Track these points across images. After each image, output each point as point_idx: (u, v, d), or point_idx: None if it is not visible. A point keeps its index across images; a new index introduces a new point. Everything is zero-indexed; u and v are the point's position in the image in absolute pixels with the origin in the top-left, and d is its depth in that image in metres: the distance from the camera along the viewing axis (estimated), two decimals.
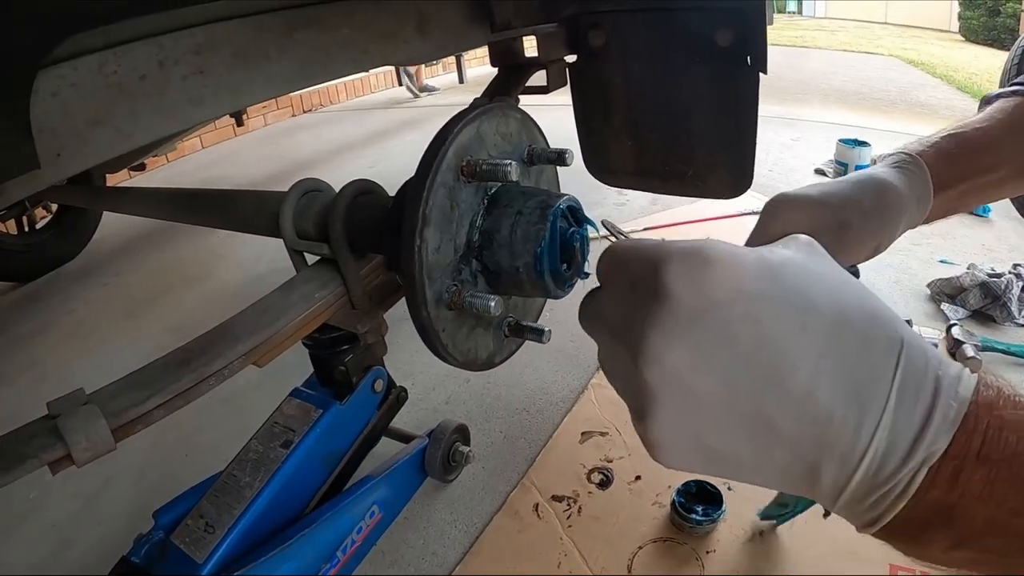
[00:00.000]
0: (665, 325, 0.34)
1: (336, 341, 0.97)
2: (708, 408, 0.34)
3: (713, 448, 0.35)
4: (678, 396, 0.34)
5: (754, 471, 0.35)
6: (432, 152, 0.60)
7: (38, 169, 0.54)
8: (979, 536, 0.32)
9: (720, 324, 0.34)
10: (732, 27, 1.20)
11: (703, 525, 1.10)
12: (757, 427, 0.34)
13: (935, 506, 0.32)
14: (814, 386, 0.33)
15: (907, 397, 0.32)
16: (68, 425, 0.63)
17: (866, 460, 0.32)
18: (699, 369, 0.34)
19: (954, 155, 0.68)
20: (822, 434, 0.33)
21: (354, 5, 0.81)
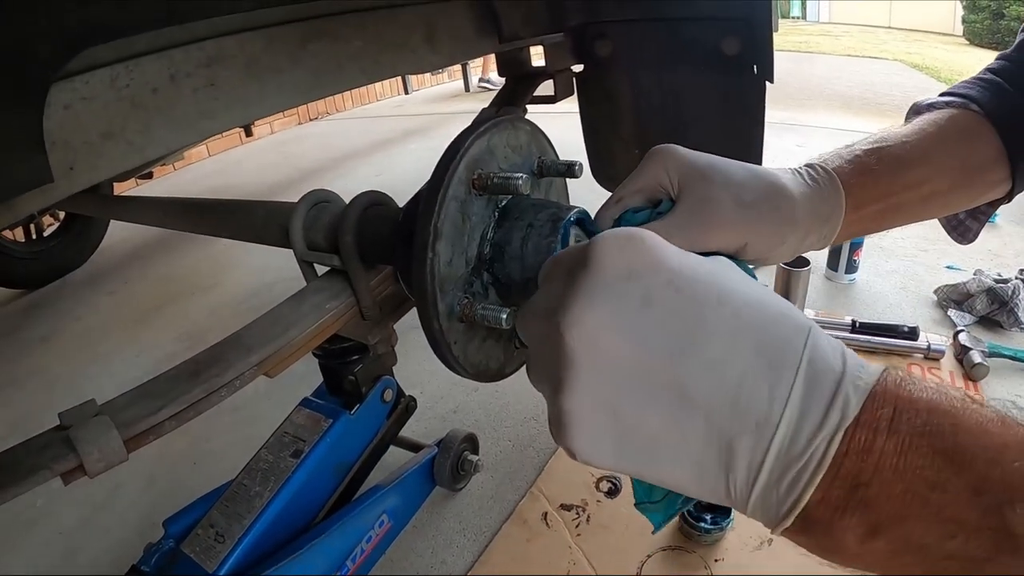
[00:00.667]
0: (589, 289, 0.36)
1: (346, 351, 0.98)
2: (624, 373, 0.35)
3: (627, 424, 0.35)
4: (596, 357, 0.35)
5: (669, 456, 0.35)
6: (444, 165, 0.60)
7: (51, 182, 0.54)
8: (896, 520, 0.31)
9: (641, 290, 0.36)
10: (738, 36, 1.21)
11: (711, 533, 1.10)
12: (672, 395, 0.34)
13: (850, 482, 0.31)
14: (729, 354, 0.34)
15: (817, 367, 0.33)
16: (80, 436, 0.63)
17: (781, 427, 0.32)
18: (618, 329, 0.35)
19: (876, 171, 0.63)
20: (736, 401, 0.33)
21: (365, 17, 0.82)
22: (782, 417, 0.32)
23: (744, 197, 0.56)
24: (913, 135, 0.67)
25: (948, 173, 0.66)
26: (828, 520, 0.32)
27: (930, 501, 0.30)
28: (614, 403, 0.35)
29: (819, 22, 14.73)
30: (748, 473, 0.33)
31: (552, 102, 1.42)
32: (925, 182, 0.65)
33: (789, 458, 0.32)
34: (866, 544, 0.32)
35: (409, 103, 5.81)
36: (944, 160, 0.66)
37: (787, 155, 3.17)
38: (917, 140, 0.66)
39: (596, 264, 0.37)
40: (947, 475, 0.30)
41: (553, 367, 0.37)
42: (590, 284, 0.36)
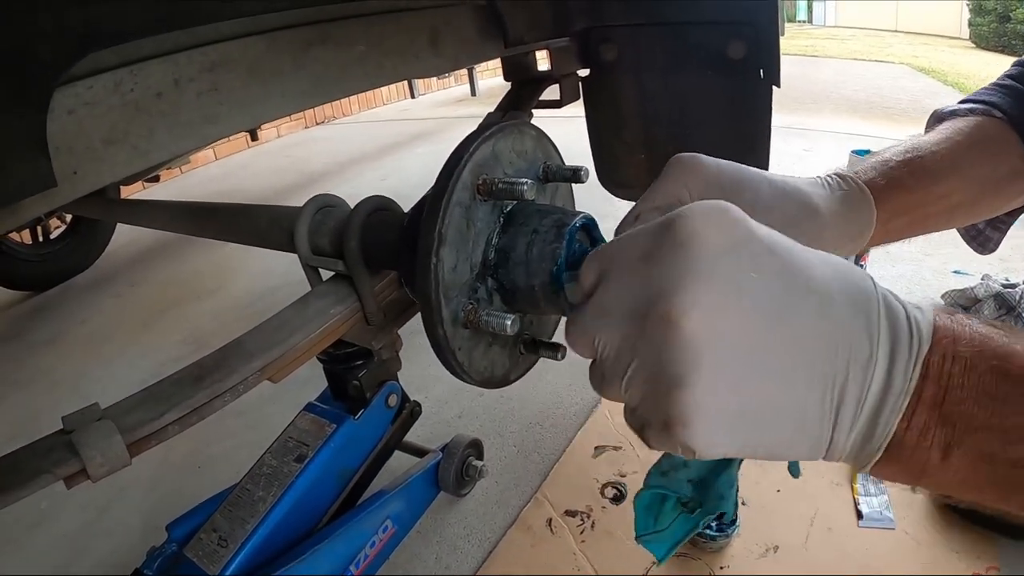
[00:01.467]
0: (697, 267, 0.35)
1: (350, 356, 0.97)
2: (745, 349, 0.35)
3: (747, 401, 0.35)
4: (719, 340, 0.35)
5: (785, 419, 0.36)
6: (448, 171, 0.60)
7: (55, 187, 0.54)
8: (968, 432, 0.34)
9: (747, 261, 0.36)
10: (744, 40, 1.20)
11: (716, 540, 1.09)
12: (788, 358, 0.35)
13: (929, 404, 0.34)
14: (829, 307, 0.35)
15: (891, 308, 0.36)
16: (83, 440, 0.63)
17: (880, 363, 0.35)
18: (735, 306, 0.35)
19: (908, 185, 0.64)
20: (844, 347, 0.35)
21: (368, 21, 0.82)
22: (879, 354, 0.35)
23: (771, 222, 0.56)
24: (942, 144, 0.67)
25: (975, 184, 0.67)
26: (914, 443, 0.35)
27: (994, 412, 0.33)
28: (737, 383, 0.35)
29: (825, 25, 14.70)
30: (855, 411, 0.35)
31: (558, 106, 1.42)
32: (953, 193, 0.66)
33: (887, 390, 0.35)
34: (945, 460, 0.35)
35: (416, 107, 5.82)
36: (971, 170, 0.66)
37: (794, 159, 3.16)
38: (946, 150, 0.67)
39: (696, 241, 0.36)
40: (1006, 388, 0.34)
41: (665, 363, 0.36)
42: (696, 263, 0.36)
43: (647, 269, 0.38)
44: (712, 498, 0.75)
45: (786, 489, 1.20)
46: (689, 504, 0.76)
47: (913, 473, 0.36)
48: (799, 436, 0.36)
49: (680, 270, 0.36)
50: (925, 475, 0.36)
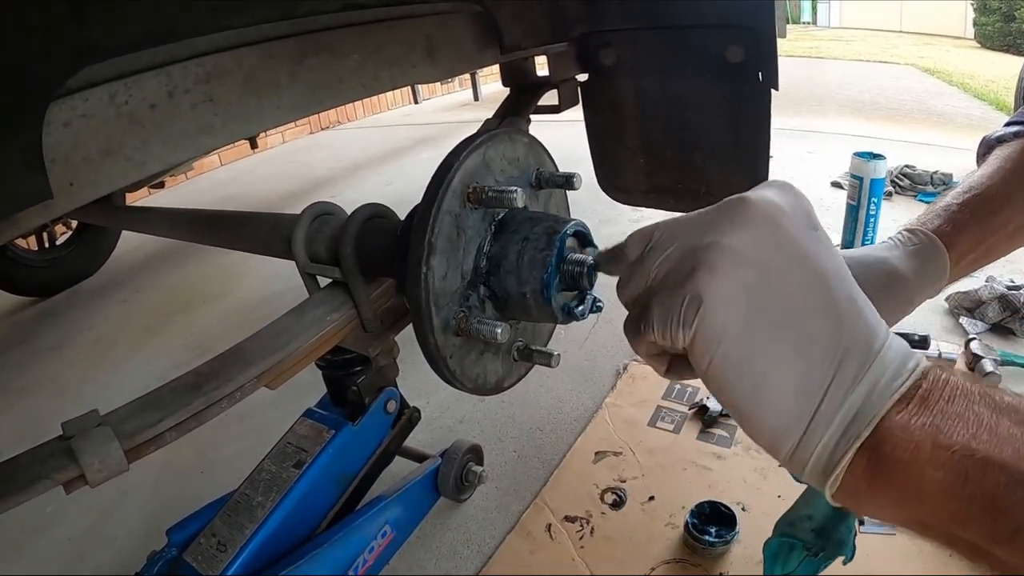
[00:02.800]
0: (759, 226, 0.40)
1: (349, 363, 0.98)
2: (788, 249, 0.40)
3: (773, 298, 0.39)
4: (772, 224, 0.40)
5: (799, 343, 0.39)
6: (437, 180, 0.60)
7: (51, 199, 0.55)
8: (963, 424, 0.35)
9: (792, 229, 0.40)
10: (743, 44, 1.20)
11: (716, 547, 1.09)
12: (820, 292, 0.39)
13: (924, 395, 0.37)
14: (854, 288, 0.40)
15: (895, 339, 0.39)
16: (82, 447, 0.64)
17: (886, 349, 0.38)
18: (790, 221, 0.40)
19: (970, 225, 0.68)
20: (862, 318, 0.39)
21: (363, 31, 0.82)
22: (886, 346, 0.38)
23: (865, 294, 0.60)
24: (995, 176, 0.72)
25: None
26: (905, 425, 0.36)
27: (984, 416, 0.35)
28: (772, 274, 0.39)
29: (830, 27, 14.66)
30: (853, 380, 0.37)
31: (557, 111, 1.42)
32: (1011, 221, 0.70)
33: (887, 374, 0.37)
34: (935, 451, 0.35)
35: (419, 112, 5.83)
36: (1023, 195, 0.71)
37: (798, 161, 3.16)
38: (1000, 180, 0.71)
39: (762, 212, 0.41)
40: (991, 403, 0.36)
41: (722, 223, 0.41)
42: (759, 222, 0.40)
43: (710, 215, 0.43)
44: (833, 543, 0.84)
45: (787, 495, 1.19)
46: (813, 549, 0.85)
47: (898, 470, 0.36)
48: (794, 375, 0.38)
49: (742, 212, 0.41)
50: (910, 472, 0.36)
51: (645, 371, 1.59)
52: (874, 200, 2.04)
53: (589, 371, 1.64)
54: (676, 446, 1.35)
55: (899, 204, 2.55)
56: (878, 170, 2.01)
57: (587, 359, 1.68)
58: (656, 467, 1.31)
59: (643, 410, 1.47)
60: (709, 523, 1.13)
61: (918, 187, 2.62)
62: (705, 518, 1.14)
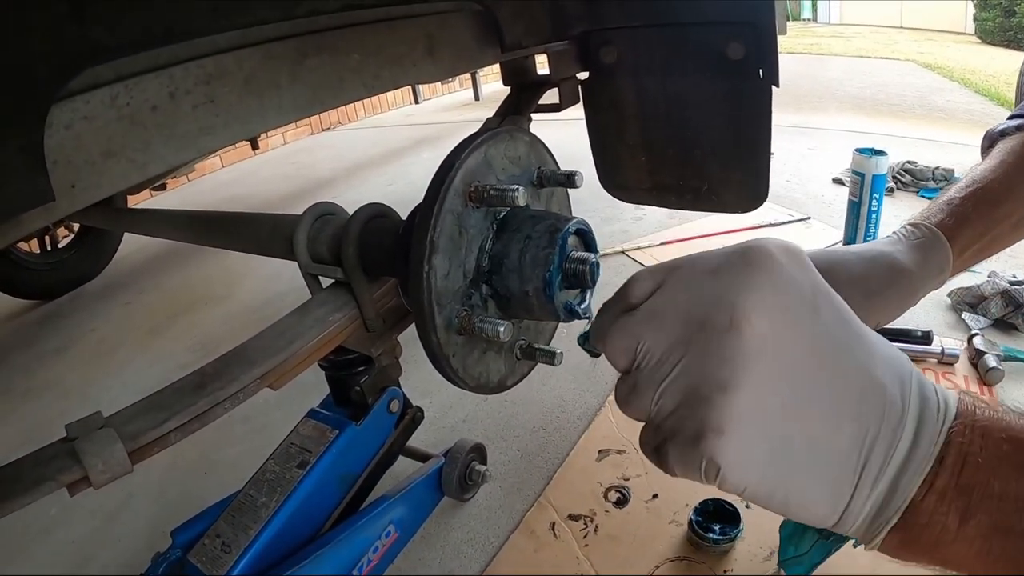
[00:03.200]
0: (764, 283, 0.37)
1: (352, 363, 0.98)
2: (797, 370, 0.37)
3: (788, 426, 0.36)
4: (773, 354, 0.36)
5: (819, 461, 0.37)
6: (439, 179, 0.61)
7: (52, 201, 0.55)
8: (985, 500, 0.35)
9: (810, 292, 0.38)
10: (743, 41, 1.20)
11: (720, 544, 1.09)
12: (833, 396, 0.37)
13: (949, 471, 0.36)
14: (872, 362, 0.37)
15: (922, 378, 0.38)
16: (85, 448, 0.64)
17: (908, 426, 0.36)
18: (795, 325, 0.37)
19: (973, 218, 0.70)
20: (882, 403, 0.37)
21: (364, 30, 0.82)
22: (908, 417, 0.37)
23: (870, 287, 0.60)
24: (996, 169, 0.73)
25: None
26: (932, 509, 0.36)
27: (1010, 484, 0.35)
28: (781, 406, 0.37)
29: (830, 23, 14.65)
30: (879, 469, 0.36)
31: (557, 110, 1.42)
32: (1014, 212, 0.71)
33: (913, 452, 0.36)
34: (962, 528, 0.35)
35: (420, 112, 5.84)
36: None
37: (799, 157, 3.16)
38: (1001, 174, 0.73)
39: (769, 262, 0.38)
40: (1020, 458, 0.35)
41: (714, 366, 0.37)
42: (768, 277, 0.38)
43: (714, 280, 0.39)
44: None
45: None
46: (824, 532, 0.85)
47: (928, 544, 0.37)
48: (822, 486, 0.37)
49: (751, 284, 0.38)
50: (939, 546, 0.36)
51: None
52: (876, 196, 2.04)
53: (592, 369, 1.64)
54: None
55: (901, 200, 2.55)
56: (880, 166, 2.00)
57: (589, 357, 1.67)
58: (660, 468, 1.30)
59: None
60: (713, 520, 1.13)
61: (920, 183, 2.61)
62: (709, 515, 1.14)
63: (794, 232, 2.37)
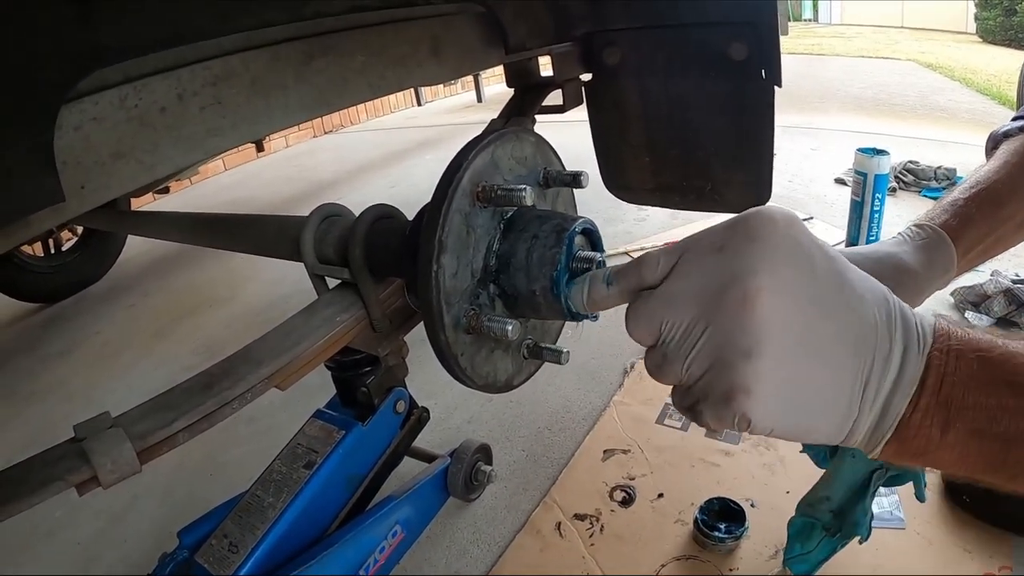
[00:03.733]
0: (770, 257, 0.42)
1: (358, 363, 0.98)
2: (805, 332, 0.41)
3: (800, 379, 0.42)
4: (784, 322, 0.41)
5: (827, 401, 0.42)
6: (447, 179, 0.61)
7: (62, 202, 0.55)
8: (961, 411, 0.40)
9: (809, 259, 0.42)
10: (746, 41, 1.21)
11: (726, 542, 1.09)
12: (835, 346, 0.42)
13: (931, 389, 0.41)
14: (867, 309, 0.42)
15: (904, 313, 0.43)
16: (94, 448, 0.64)
17: (894, 358, 0.42)
18: (800, 293, 0.42)
19: (977, 219, 0.72)
20: (874, 343, 0.42)
21: (369, 32, 0.83)
22: (895, 350, 0.42)
23: None
24: (1001, 170, 0.75)
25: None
26: (918, 423, 0.41)
27: (979, 393, 0.40)
28: (794, 361, 0.42)
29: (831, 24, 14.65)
30: (874, 396, 0.42)
31: (561, 111, 1.42)
32: (1017, 213, 0.73)
33: (900, 379, 0.41)
34: (943, 438, 0.41)
35: (422, 114, 5.84)
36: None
37: (801, 158, 3.16)
38: (1005, 175, 0.75)
39: (769, 236, 0.43)
40: (988, 374, 0.40)
41: (737, 337, 0.42)
42: (770, 253, 0.42)
43: (722, 257, 0.44)
44: (849, 524, 0.90)
45: (795, 490, 1.19)
46: (831, 529, 0.92)
47: (917, 451, 0.43)
48: (832, 417, 0.43)
49: (756, 258, 0.42)
50: (927, 452, 0.42)
51: None
52: (878, 196, 2.04)
53: (597, 370, 1.64)
54: (684, 443, 1.36)
55: (903, 200, 2.55)
56: (882, 166, 2.01)
57: (594, 358, 1.68)
58: (665, 464, 1.31)
59: (651, 408, 1.47)
60: (718, 519, 1.13)
61: (922, 183, 2.61)
62: (714, 514, 1.14)
63: None
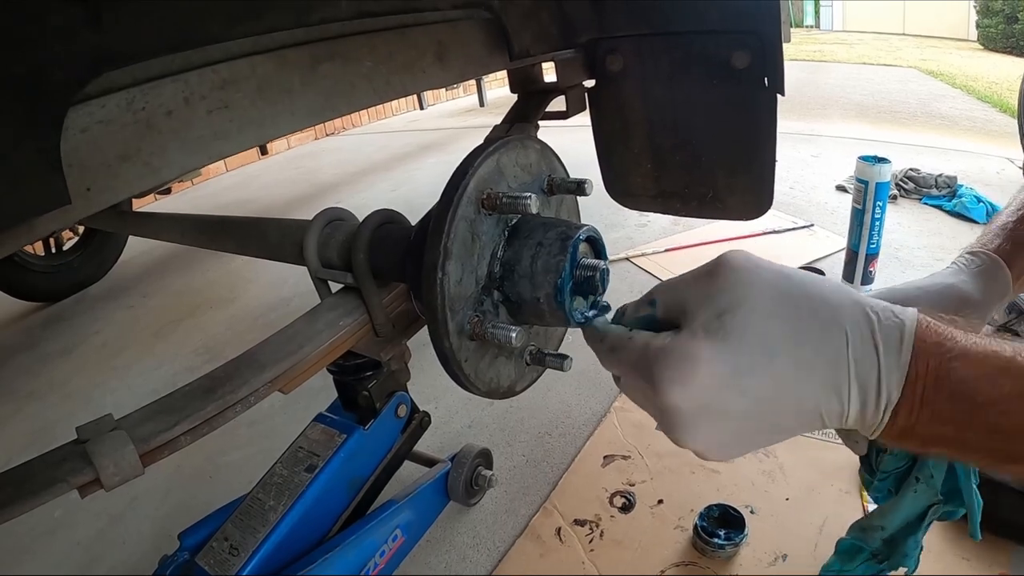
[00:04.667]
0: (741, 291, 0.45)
1: (360, 367, 0.98)
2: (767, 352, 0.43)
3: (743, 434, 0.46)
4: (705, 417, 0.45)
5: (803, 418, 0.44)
6: (453, 186, 0.61)
7: (68, 204, 0.55)
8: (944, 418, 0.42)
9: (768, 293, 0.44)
10: (748, 50, 1.21)
11: (725, 549, 1.09)
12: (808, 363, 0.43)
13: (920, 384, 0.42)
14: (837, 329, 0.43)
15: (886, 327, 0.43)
16: (97, 450, 0.64)
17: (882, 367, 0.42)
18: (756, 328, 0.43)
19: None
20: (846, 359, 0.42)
21: (375, 38, 0.83)
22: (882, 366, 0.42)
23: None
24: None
25: None
26: (908, 409, 0.42)
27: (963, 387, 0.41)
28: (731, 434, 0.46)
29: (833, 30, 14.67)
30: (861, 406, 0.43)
31: (564, 117, 1.43)
32: None
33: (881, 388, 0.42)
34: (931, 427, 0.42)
35: (425, 118, 5.84)
36: None
37: (802, 165, 3.16)
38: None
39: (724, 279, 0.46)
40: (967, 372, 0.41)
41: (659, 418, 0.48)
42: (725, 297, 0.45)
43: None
44: (898, 554, 0.89)
45: (795, 498, 1.20)
46: (878, 556, 0.91)
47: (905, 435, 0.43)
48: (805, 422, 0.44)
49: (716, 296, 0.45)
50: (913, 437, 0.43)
51: None
52: (879, 204, 2.04)
53: (596, 376, 1.64)
54: (684, 450, 1.35)
55: (904, 207, 2.55)
56: (883, 174, 2.01)
57: (595, 364, 1.67)
58: (664, 470, 1.31)
59: None
60: (718, 526, 1.13)
61: (923, 190, 2.62)
62: (714, 521, 1.14)
63: (798, 239, 2.38)
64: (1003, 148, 3.30)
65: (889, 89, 5.63)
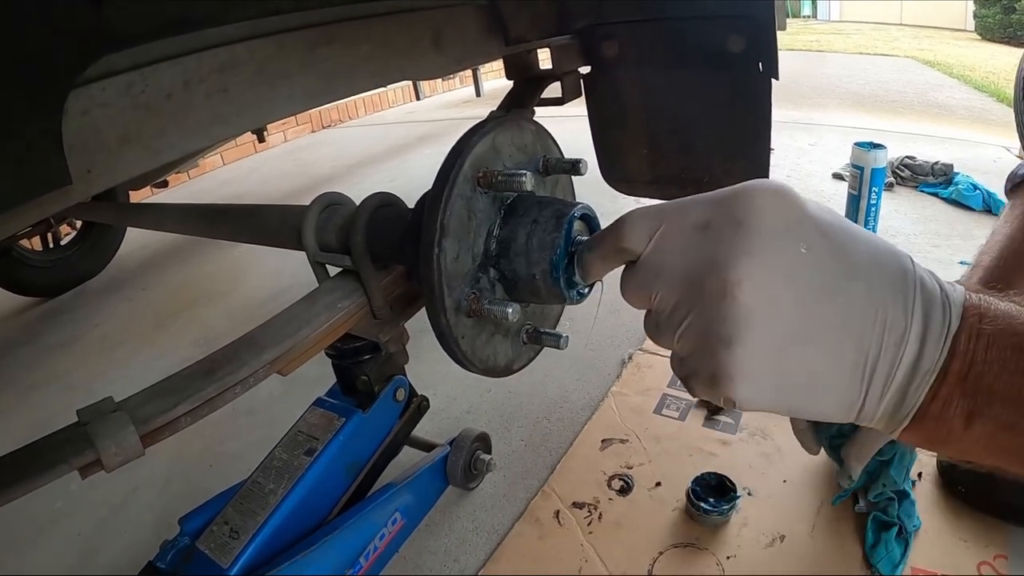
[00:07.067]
0: (753, 243, 0.40)
1: (358, 351, 0.99)
2: (792, 318, 0.39)
3: (791, 365, 0.40)
4: (769, 309, 0.39)
5: (824, 386, 0.40)
6: (449, 164, 0.62)
7: (70, 185, 0.56)
8: (989, 403, 0.37)
9: (799, 238, 0.40)
10: (743, 34, 1.21)
11: (711, 515, 1.11)
12: (831, 330, 0.39)
13: (954, 378, 0.38)
14: (873, 288, 0.39)
15: (927, 291, 0.39)
16: (98, 432, 0.65)
17: (911, 343, 0.38)
18: (786, 279, 0.39)
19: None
20: (881, 326, 0.39)
21: (373, 22, 0.84)
22: (912, 333, 0.38)
23: None
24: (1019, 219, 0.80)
25: None
26: (938, 413, 0.39)
27: (1012, 385, 0.37)
28: (782, 348, 0.39)
29: (830, 21, 14.65)
30: (885, 382, 0.39)
31: (560, 104, 1.43)
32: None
33: (917, 366, 0.38)
34: (968, 430, 0.38)
35: (421, 109, 5.83)
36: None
37: (799, 153, 3.17)
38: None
39: (754, 218, 0.40)
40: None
41: (717, 325, 0.40)
42: (753, 240, 0.40)
43: (705, 239, 0.42)
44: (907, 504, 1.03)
45: (792, 479, 1.21)
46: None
47: (938, 440, 0.40)
48: (830, 399, 0.40)
49: (737, 246, 0.40)
50: (949, 442, 0.40)
51: (650, 360, 1.60)
52: (875, 189, 2.05)
53: (594, 361, 1.65)
54: (682, 433, 1.37)
55: (900, 194, 2.56)
56: (878, 159, 2.02)
57: (592, 349, 1.69)
58: (662, 454, 1.32)
59: (649, 398, 1.48)
60: (712, 493, 1.15)
61: (919, 177, 2.62)
62: (709, 487, 1.16)
63: None
64: (1000, 137, 3.30)
65: (886, 78, 5.63)
